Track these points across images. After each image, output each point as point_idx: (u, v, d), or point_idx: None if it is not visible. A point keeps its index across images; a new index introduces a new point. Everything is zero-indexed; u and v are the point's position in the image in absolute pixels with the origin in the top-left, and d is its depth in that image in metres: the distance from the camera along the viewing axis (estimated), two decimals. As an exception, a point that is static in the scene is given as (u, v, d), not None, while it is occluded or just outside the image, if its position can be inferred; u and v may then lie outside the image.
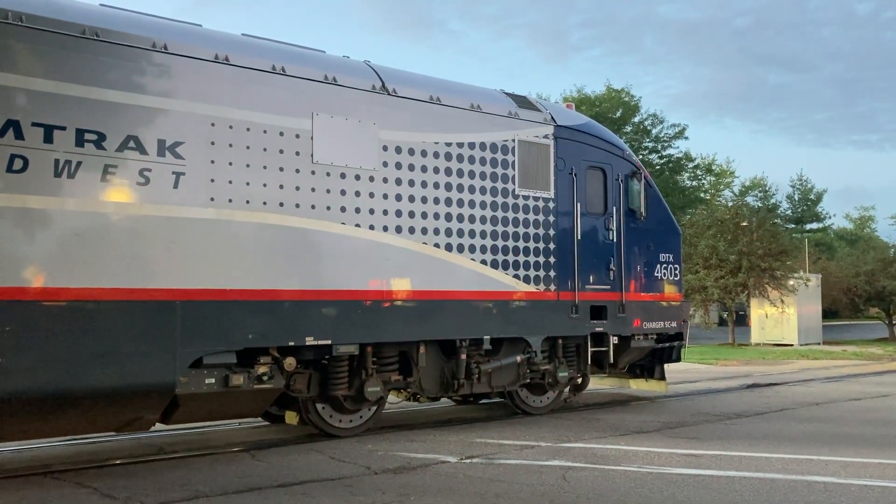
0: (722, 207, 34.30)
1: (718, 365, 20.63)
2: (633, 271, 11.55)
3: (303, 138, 8.43)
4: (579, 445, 8.61)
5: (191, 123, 7.68)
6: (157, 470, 7.38)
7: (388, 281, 8.97)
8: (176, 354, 7.43)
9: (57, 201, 6.93)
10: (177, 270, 7.50)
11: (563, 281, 10.60)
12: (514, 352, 10.29)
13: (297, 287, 8.26)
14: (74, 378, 6.91)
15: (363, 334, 8.76)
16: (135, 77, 7.45)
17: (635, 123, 49.15)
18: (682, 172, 52.14)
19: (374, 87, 9.10)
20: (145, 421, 7.74)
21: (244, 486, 6.71)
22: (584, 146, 11.10)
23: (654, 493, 6.49)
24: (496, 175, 10.03)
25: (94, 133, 7.14)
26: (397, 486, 6.70)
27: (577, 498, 6.33)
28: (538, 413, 10.91)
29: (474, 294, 9.73)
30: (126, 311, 7.19)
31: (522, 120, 10.39)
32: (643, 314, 11.61)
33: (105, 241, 7.16)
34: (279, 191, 8.20)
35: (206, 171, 7.74)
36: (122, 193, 7.29)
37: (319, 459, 7.84)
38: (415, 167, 9.29)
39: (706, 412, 11.38)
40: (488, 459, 7.83)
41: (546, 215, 10.52)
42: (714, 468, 7.47)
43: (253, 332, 7.92)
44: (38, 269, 6.83)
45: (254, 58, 8.25)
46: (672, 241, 12.37)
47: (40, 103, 6.88)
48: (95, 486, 6.69)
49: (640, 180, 11.67)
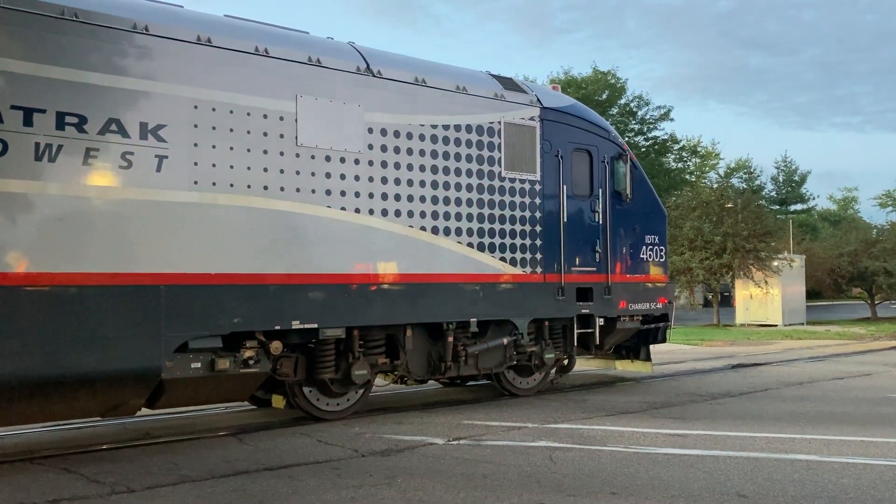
0: (707, 189, 34.43)
1: (703, 346, 20.79)
2: (619, 253, 11.57)
3: (287, 121, 8.36)
4: (566, 426, 8.66)
5: (173, 106, 7.59)
6: (144, 455, 7.35)
7: (374, 264, 8.94)
8: (161, 339, 7.39)
9: (38, 185, 6.85)
10: (161, 255, 7.45)
11: (549, 263, 10.61)
12: (501, 334, 10.31)
13: (282, 271, 8.22)
14: (58, 363, 6.86)
15: (350, 318, 8.74)
16: (116, 59, 7.35)
17: (621, 105, 49.16)
18: (667, 154, 52.26)
19: (358, 68, 9.03)
20: (131, 406, 7.70)
21: (231, 469, 6.71)
22: (570, 128, 11.08)
23: (640, 473, 6.54)
24: (482, 157, 9.99)
25: (75, 116, 7.04)
26: (384, 469, 6.72)
27: (563, 478, 6.37)
28: (525, 395, 10.95)
29: (461, 277, 9.73)
30: (110, 296, 7.13)
31: (508, 102, 10.35)
32: (629, 296, 11.65)
33: (87, 226, 7.09)
34: (263, 174, 8.14)
35: (189, 154, 7.66)
36: (105, 177, 7.21)
37: (306, 443, 7.85)
38: (400, 150, 9.24)
39: (691, 392, 11.47)
40: (475, 441, 7.86)
41: (532, 198, 10.51)
42: (699, 448, 7.54)
43: (238, 317, 7.88)
44: (20, 254, 6.75)
45: (236, 39, 8.15)
46: (658, 223, 12.41)
47: (19, 86, 6.77)
48: (82, 471, 6.66)
49: (626, 162, 11.68)
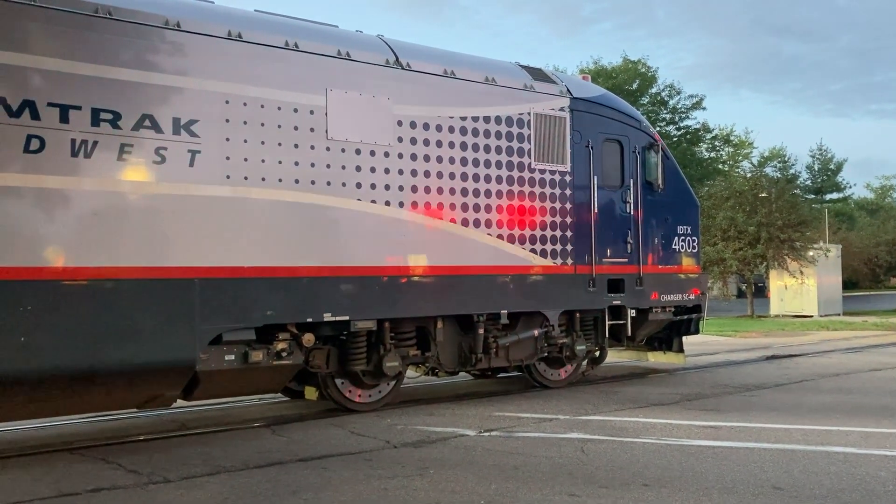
0: (740, 178, 33.97)
1: (737, 337, 20.56)
2: (651, 244, 11.48)
3: (317, 114, 8.40)
4: (598, 418, 8.62)
5: (205, 101, 7.67)
6: (180, 445, 7.47)
7: (405, 257, 8.97)
8: (195, 331, 7.49)
9: (74, 181, 6.97)
10: (194, 248, 7.54)
11: (580, 254, 10.55)
12: (532, 326, 10.29)
13: (314, 264, 8.28)
14: (96, 356, 6.99)
15: (381, 310, 8.79)
16: (149, 55, 7.44)
17: (652, 95, 48.67)
18: (699, 144, 51.66)
19: (387, 61, 9.04)
20: (166, 398, 7.83)
21: (265, 460, 6.79)
22: (600, 118, 10.99)
23: (673, 465, 6.50)
24: (512, 149, 9.96)
25: (110, 112, 7.15)
26: (416, 460, 6.75)
27: (595, 470, 6.36)
28: (556, 386, 10.93)
29: (491, 269, 9.72)
30: (145, 289, 7.25)
31: (538, 93, 10.30)
32: (661, 287, 11.56)
33: (123, 220, 7.20)
34: (294, 168, 8.19)
35: (221, 148, 7.74)
36: (139, 172, 7.32)
37: (339, 434, 7.91)
38: (430, 142, 9.24)
39: (725, 384, 11.35)
40: (507, 432, 7.87)
41: (562, 189, 10.45)
42: (733, 440, 7.46)
43: (271, 309, 7.96)
44: (57, 248, 6.88)
45: (267, 34, 8.21)
46: (690, 213, 12.28)
47: (55, 83, 6.89)
48: (120, 461, 6.79)
49: (658, 152, 11.57)
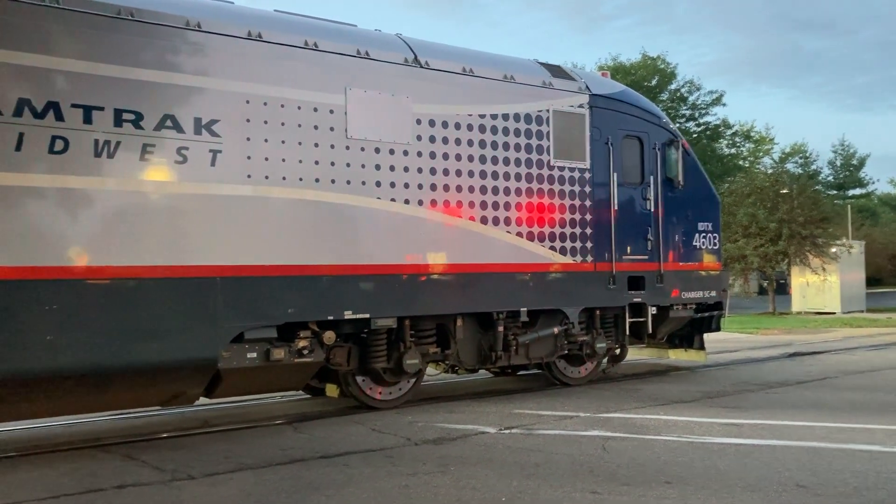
0: (761, 175, 33.69)
1: (759, 334, 20.40)
2: (672, 241, 11.42)
3: (337, 113, 8.44)
4: (618, 415, 8.60)
5: (226, 101, 7.73)
6: (203, 443, 7.54)
7: (424, 255, 8.99)
8: (217, 329, 7.56)
9: (98, 181, 7.05)
10: (216, 247, 7.61)
11: (600, 252, 10.53)
12: (552, 323, 10.28)
13: (334, 262, 8.32)
14: (120, 354, 7.07)
15: (400, 308, 8.82)
16: (170, 56, 7.51)
17: (671, 91, 48.35)
18: (719, 140, 51.26)
19: (406, 60, 9.06)
20: (189, 395, 7.91)
21: (287, 457, 6.84)
22: (620, 115, 10.95)
23: (694, 463, 6.47)
24: (531, 146, 9.95)
25: (132, 113, 7.22)
26: (437, 457, 6.77)
27: (617, 467, 6.34)
28: (576, 384, 10.91)
29: (510, 266, 9.72)
30: (168, 288, 7.32)
31: (557, 90, 10.27)
32: (682, 284, 11.50)
33: (145, 220, 7.28)
34: (314, 167, 8.24)
35: (242, 148, 7.80)
36: (161, 172, 7.39)
37: (360, 431, 7.95)
38: (449, 140, 9.25)
39: (747, 381, 11.27)
40: (527, 430, 7.87)
41: (582, 186, 10.42)
42: (756, 437, 7.41)
43: (292, 307, 8.01)
44: (81, 248, 6.97)
45: (286, 34, 8.25)
46: (711, 210, 12.21)
47: (78, 84, 6.97)
48: (144, 458, 6.87)
49: (678, 148, 11.50)
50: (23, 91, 6.71)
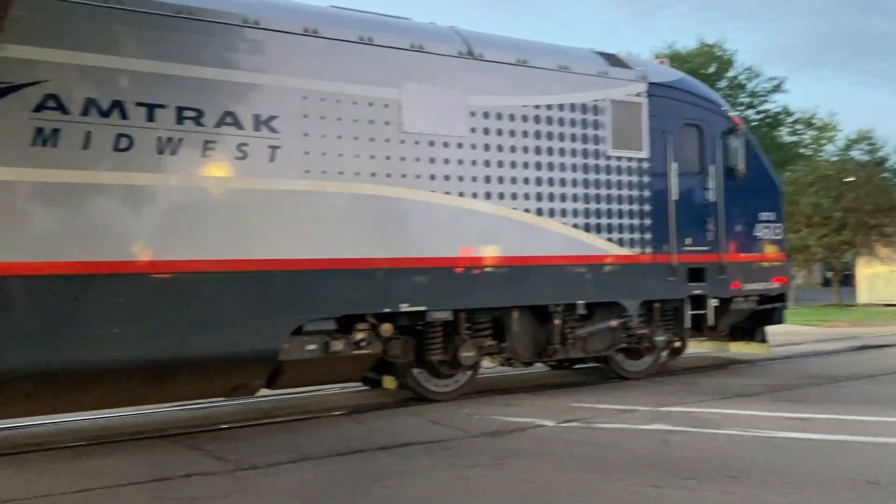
0: (825, 162, 32.71)
1: (824, 326, 19.84)
2: (733, 231, 11.18)
3: (392, 108, 8.47)
4: (679, 409, 8.45)
5: (284, 97, 7.84)
6: (265, 433, 7.68)
7: (479, 247, 8.98)
8: (278, 322, 7.68)
9: (161, 178, 7.22)
10: (276, 241, 7.72)
11: (658, 243, 10.36)
12: (609, 316, 10.16)
13: (390, 255, 8.38)
14: (185, 346, 7.24)
15: (456, 300, 8.82)
16: (229, 54, 7.64)
17: (729, 78, 47.21)
18: (780, 128, 49.87)
19: (460, 52, 9.04)
20: (251, 387, 8.06)
21: (347, 448, 6.91)
22: (678, 103, 10.75)
23: (759, 458, 6.32)
24: (587, 136, 9.83)
25: (193, 110, 7.37)
26: (495, 450, 6.76)
27: (678, 461, 6.23)
28: (635, 377, 10.76)
29: (567, 259, 9.64)
30: (229, 282, 7.46)
31: (613, 78, 10.13)
32: (743, 275, 11.25)
33: (207, 215, 7.43)
34: (370, 161, 8.29)
35: (300, 143, 7.90)
36: (222, 168, 7.53)
37: (418, 423, 7.99)
38: (503, 132, 9.20)
39: (813, 374, 10.97)
40: (586, 423, 7.80)
41: (640, 176, 10.26)
42: (823, 432, 7.20)
43: (350, 300, 8.10)
44: (146, 243, 7.15)
45: (342, 29, 8.31)
46: (773, 199, 11.91)
47: (142, 83, 7.15)
48: (208, 448, 7.02)
49: (739, 137, 11.23)
50: (89, 91, 6.91)
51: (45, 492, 5.72)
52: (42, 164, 6.72)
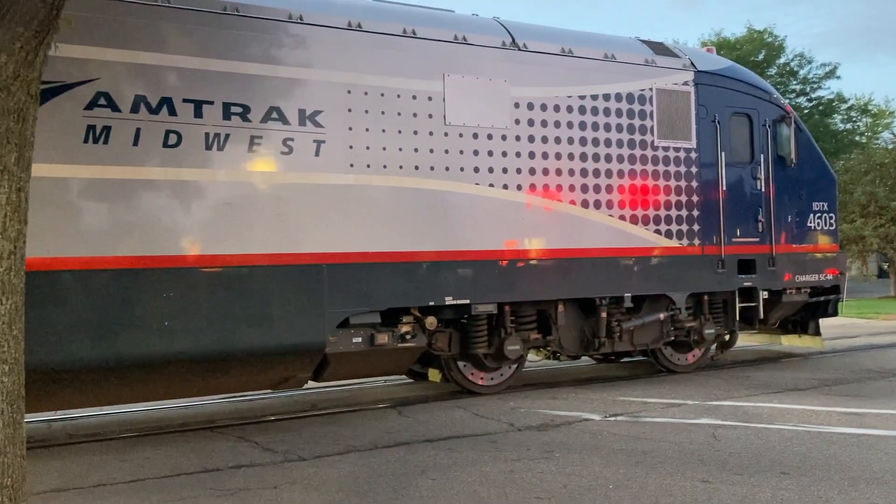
0: (881, 150, 31.75)
1: (880, 319, 19.28)
2: (784, 222, 10.92)
3: (435, 100, 8.45)
4: (729, 403, 8.30)
5: (328, 92, 7.88)
6: (311, 425, 7.76)
7: (524, 240, 8.92)
8: (324, 315, 7.74)
9: (208, 173, 7.32)
10: (321, 235, 7.78)
11: (707, 235, 10.17)
12: (657, 309, 10.02)
13: (434, 248, 8.37)
14: (233, 339, 7.34)
15: (500, 294, 8.79)
16: (274, 49, 7.70)
17: (780, 65, 46.09)
18: (833, 115, 48.53)
19: (504, 43, 8.98)
20: (298, 379, 8.14)
21: (392, 440, 6.94)
22: (727, 91, 10.52)
23: (812, 453, 6.17)
24: (633, 126, 9.69)
25: (240, 106, 7.46)
26: (541, 443, 6.72)
27: (728, 456, 6.12)
28: (683, 371, 10.60)
29: (613, 251, 9.52)
30: (277, 275, 7.54)
31: (660, 67, 9.96)
32: (795, 267, 10.98)
33: (254, 209, 7.51)
34: (414, 154, 8.29)
35: (344, 137, 7.93)
36: (268, 163, 7.60)
37: (463, 416, 7.98)
38: (548, 123, 9.12)
39: (868, 369, 10.68)
40: (633, 417, 7.71)
41: (688, 166, 10.08)
42: (880, 427, 7.00)
43: (395, 293, 8.12)
44: (194, 237, 7.26)
45: (385, 22, 8.32)
46: (826, 189, 11.59)
47: (189, 80, 7.25)
48: (256, 440, 7.12)
49: (790, 125, 10.96)
50: (138, 88, 7.03)
51: (98, 482, 5.87)
52: (94, 161, 6.85)
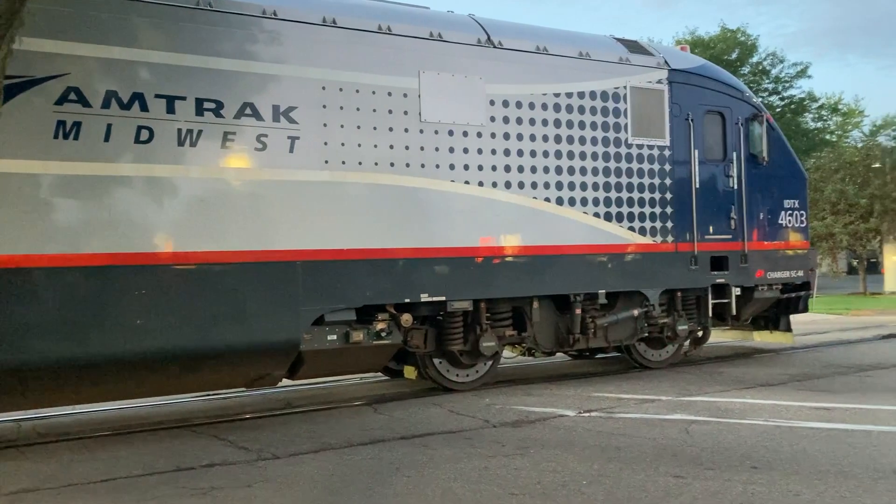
0: (850, 149, 32.22)
1: (849, 315, 19.60)
2: (756, 219, 11.05)
3: (410, 97, 8.44)
4: (702, 399, 8.39)
5: (303, 88, 7.83)
6: (286, 423, 7.72)
7: (499, 237, 8.94)
8: (299, 313, 7.71)
9: (181, 169, 7.25)
10: (296, 232, 7.74)
11: (680, 232, 10.27)
12: (631, 305, 10.10)
13: (409, 245, 8.37)
14: (206, 337, 7.28)
15: (476, 290, 8.81)
16: (248, 45, 7.64)
17: (753, 64, 46.60)
18: (805, 114, 49.18)
19: (479, 40, 8.98)
20: (273, 377, 8.10)
21: (367, 438, 6.93)
22: (700, 90, 10.62)
23: (783, 447, 6.26)
24: (608, 124, 9.75)
25: (213, 102, 7.39)
26: (516, 439, 6.75)
27: (700, 451, 6.19)
28: (657, 367, 10.70)
29: (587, 248, 9.57)
30: (251, 273, 7.49)
31: (634, 65, 10.02)
32: (767, 264, 11.12)
33: (228, 206, 7.45)
34: (389, 151, 8.28)
35: (319, 134, 7.90)
36: (242, 159, 7.55)
37: (438, 413, 7.99)
38: (523, 120, 9.15)
39: (838, 364, 10.84)
40: (607, 413, 7.76)
41: (661, 164, 10.17)
42: (848, 422, 7.12)
43: (370, 290, 8.10)
44: (167, 234, 7.19)
45: (360, 18, 8.29)
46: (797, 187, 11.74)
47: (161, 75, 7.17)
48: (230, 438, 7.07)
49: (762, 123, 11.09)
50: (110, 83, 6.94)
51: (70, 481, 5.79)
52: (65, 157, 6.76)
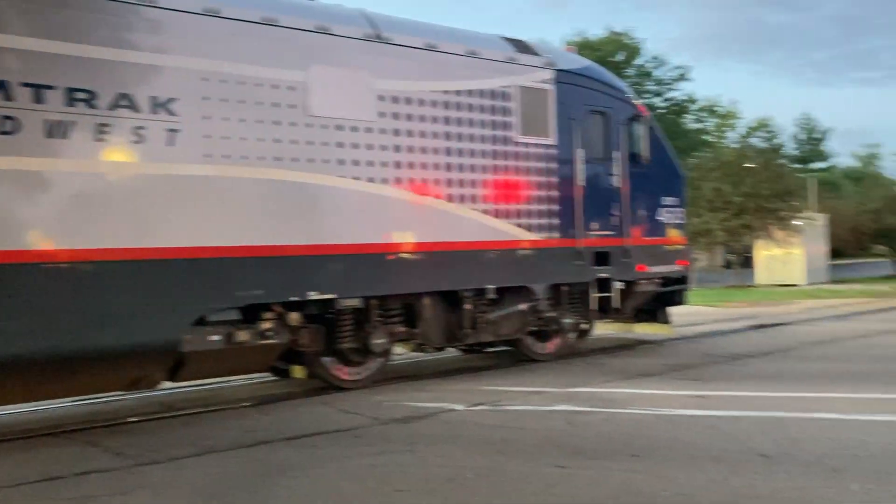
0: (727, 149, 33.98)
1: (724, 307, 20.65)
2: (637, 216, 11.47)
3: (297, 91, 8.29)
4: (585, 390, 8.64)
5: (183, 79, 7.55)
6: (168, 427, 7.44)
7: (390, 234, 8.92)
8: (179, 312, 7.43)
9: (51, 162, 6.85)
10: (176, 229, 7.46)
11: (566, 228, 10.53)
12: (519, 300, 10.28)
13: (298, 242, 8.21)
14: (79, 339, 6.92)
15: (367, 287, 8.75)
16: (124, 33, 7.29)
17: (637, 66, 48.49)
18: (685, 115, 51.59)
19: (367, 35, 8.91)
20: (152, 379, 7.79)
21: (252, 440, 6.77)
22: (585, 90, 10.92)
23: (661, 435, 6.52)
24: (496, 122, 9.88)
25: (85, 92, 7.02)
26: (405, 435, 6.75)
27: (583, 441, 6.37)
28: (544, 360, 10.94)
29: (477, 244, 9.68)
30: (127, 271, 7.17)
31: (521, 65, 10.20)
32: (648, 258, 11.57)
33: (103, 202, 7.10)
34: (275, 145, 8.09)
35: (200, 127, 7.63)
36: (117, 152, 7.20)
37: (328, 412, 7.90)
38: (412, 117, 9.14)
39: (712, 353, 11.41)
40: (495, 406, 7.88)
41: (548, 162, 10.39)
42: (721, 408, 7.50)
43: (255, 289, 7.90)
44: (36, 231, 6.78)
45: (244, 9, 8.05)
46: (676, 185, 12.28)
47: (28, 62, 6.75)
48: (106, 444, 6.75)
49: (644, 124, 11.52)
50: (-32, 70, 6.48)
51: (-75, 497, 5.39)
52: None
